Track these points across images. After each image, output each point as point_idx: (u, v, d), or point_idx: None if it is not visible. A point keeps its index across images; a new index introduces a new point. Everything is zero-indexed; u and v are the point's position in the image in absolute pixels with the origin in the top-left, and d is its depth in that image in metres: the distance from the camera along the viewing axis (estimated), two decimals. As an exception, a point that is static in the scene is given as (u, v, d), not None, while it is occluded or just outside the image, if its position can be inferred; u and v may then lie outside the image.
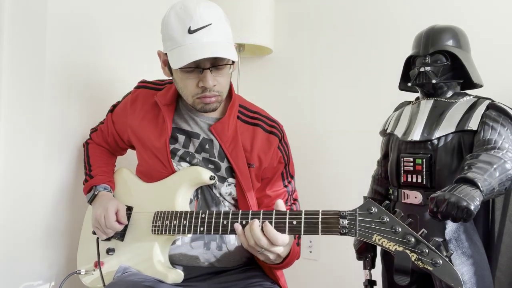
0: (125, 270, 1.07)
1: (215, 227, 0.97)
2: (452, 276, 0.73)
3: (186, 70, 1.02)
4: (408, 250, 0.75)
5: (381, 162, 1.40)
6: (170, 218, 1.05)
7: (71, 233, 1.40)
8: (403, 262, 0.74)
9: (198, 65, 1.00)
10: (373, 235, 0.79)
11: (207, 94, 1.05)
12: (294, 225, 0.87)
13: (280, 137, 1.18)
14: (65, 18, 1.36)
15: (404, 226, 0.77)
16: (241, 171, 1.11)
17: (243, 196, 1.12)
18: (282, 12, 2.14)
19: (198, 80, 1.03)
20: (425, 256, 0.75)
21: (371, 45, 1.91)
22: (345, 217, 0.82)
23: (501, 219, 1.21)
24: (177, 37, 1.00)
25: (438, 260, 0.74)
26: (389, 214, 0.79)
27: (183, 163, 1.14)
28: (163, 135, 1.14)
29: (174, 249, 1.11)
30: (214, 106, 1.09)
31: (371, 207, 0.81)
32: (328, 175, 1.97)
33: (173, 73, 1.10)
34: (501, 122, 1.13)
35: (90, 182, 1.23)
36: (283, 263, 1.01)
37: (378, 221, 0.79)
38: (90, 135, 1.37)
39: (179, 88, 1.10)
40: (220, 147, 1.13)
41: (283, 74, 2.15)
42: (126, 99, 1.27)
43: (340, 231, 0.82)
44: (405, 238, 0.76)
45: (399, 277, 0.75)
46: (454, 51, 1.22)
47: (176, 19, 1.00)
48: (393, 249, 0.77)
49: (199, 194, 1.14)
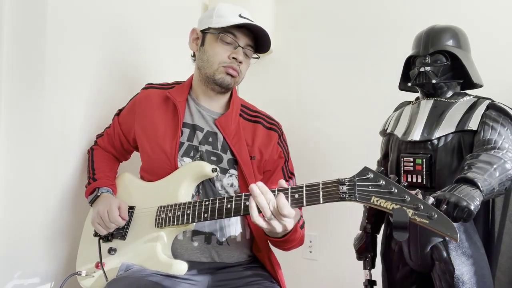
0: (128, 267, 1.08)
1: (219, 211, 0.99)
2: (448, 226, 0.76)
3: (225, 40, 1.16)
4: (405, 207, 0.79)
5: (381, 162, 1.40)
6: (173, 210, 1.08)
7: (72, 234, 1.40)
8: (400, 218, 0.78)
9: (236, 40, 1.16)
10: (371, 197, 0.83)
11: (233, 65, 1.17)
12: (296, 198, 0.90)
13: (279, 134, 1.25)
14: (66, 18, 1.36)
15: (399, 187, 0.81)
16: (244, 162, 1.16)
17: (246, 186, 1.14)
18: (282, 12, 2.15)
19: (231, 52, 1.17)
20: (421, 211, 0.78)
21: (371, 45, 1.91)
22: (344, 184, 0.86)
23: (501, 219, 1.21)
24: (228, 16, 1.16)
25: (433, 213, 0.77)
26: (385, 177, 0.83)
27: (186, 158, 1.17)
28: (174, 130, 1.18)
29: (175, 243, 1.13)
30: (230, 81, 1.19)
31: (367, 172, 0.85)
32: (328, 175, 1.96)
33: (204, 44, 1.19)
34: (501, 122, 1.14)
35: (93, 184, 1.25)
36: (286, 238, 1.02)
37: (375, 184, 0.83)
38: (96, 141, 1.40)
39: (206, 56, 1.18)
40: (224, 140, 1.18)
41: (283, 74, 2.16)
42: (133, 100, 1.31)
43: (340, 196, 0.85)
44: (401, 196, 0.80)
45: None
46: (454, 51, 1.22)
47: (226, 6, 1.18)
48: (391, 208, 0.80)
49: (201, 189, 1.16)
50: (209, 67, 1.18)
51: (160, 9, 1.79)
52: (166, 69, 1.77)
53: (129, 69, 1.64)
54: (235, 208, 0.97)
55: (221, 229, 1.15)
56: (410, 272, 1.28)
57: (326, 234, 1.96)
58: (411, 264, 1.25)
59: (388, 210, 0.81)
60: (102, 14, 1.49)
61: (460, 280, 1.12)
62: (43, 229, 1.33)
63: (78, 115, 1.42)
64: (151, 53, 1.73)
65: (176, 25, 1.83)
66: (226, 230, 1.15)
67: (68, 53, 1.37)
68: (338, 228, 1.91)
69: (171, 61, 1.77)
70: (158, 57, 1.76)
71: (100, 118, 1.47)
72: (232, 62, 1.17)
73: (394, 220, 0.78)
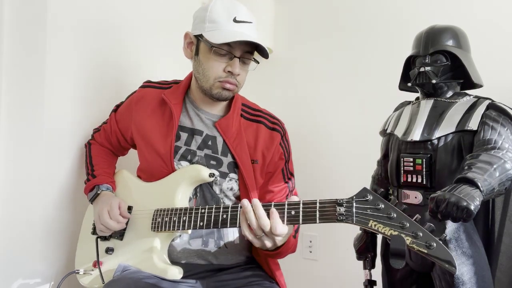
0: (125, 268, 1.08)
1: (214, 221, 0.98)
2: (446, 257, 0.75)
3: (219, 52, 1.08)
4: (403, 234, 0.77)
5: (381, 162, 1.40)
6: (170, 215, 1.07)
7: (71, 233, 1.40)
8: (398, 245, 0.76)
9: (231, 51, 1.08)
10: (369, 221, 0.81)
11: (229, 79, 1.11)
12: (292, 215, 0.88)
13: (282, 133, 1.21)
14: (66, 18, 1.36)
15: (399, 212, 0.79)
16: (245, 166, 1.13)
17: (246, 191, 1.13)
18: (282, 12, 2.15)
19: (226, 65, 1.10)
20: (420, 239, 0.76)
21: (371, 45, 1.91)
22: (342, 205, 0.84)
23: (501, 219, 1.21)
24: (221, 21, 1.07)
25: (432, 243, 0.75)
26: (384, 201, 0.81)
27: (183, 161, 1.16)
28: (169, 133, 1.16)
29: (173, 246, 1.12)
30: (228, 94, 1.13)
31: (366, 194, 0.83)
32: (328, 175, 1.98)
33: (199, 54, 1.13)
34: (501, 122, 1.13)
35: (93, 181, 1.24)
36: (277, 251, 1.01)
37: (374, 207, 0.81)
38: (93, 135, 1.38)
39: (201, 69, 1.12)
40: (224, 143, 1.15)
41: (283, 74, 2.15)
42: (131, 98, 1.29)
43: (337, 218, 0.84)
44: (400, 223, 0.78)
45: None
46: (454, 51, 1.22)
47: (222, 7, 1.09)
48: (389, 234, 0.78)
49: (198, 192, 1.15)
50: (205, 81, 1.12)
51: (160, 6, 1.79)
52: (164, 67, 1.76)
53: (127, 67, 1.63)
54: (231, 219, 0.95)
55: (219, 231, 1.14)
56: (410, 272, 1.28)
57: (326, 234, 1.96)
58: (411, 264, 1.25)
59: (386, 236, 0.79)
60: (100, 12, 1.49)
61: (460, 280, 1.11)
62: (41, 227, 1.33)
63: (77, 114, 1.42)
64: (149, 51, 1.72)
65: (175, 22, 1.82)
66: (224, 233, 1.15)
67: (66, 51, 1.37)
68: (338, 228, 1.90)
69: (170, 60, 1.76)
70: (156, 55, 1.75)
71: (100, 116, 1.46)
72: (228, 76, 1.10)
73: (392, 247, 0.76)
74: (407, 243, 0.76)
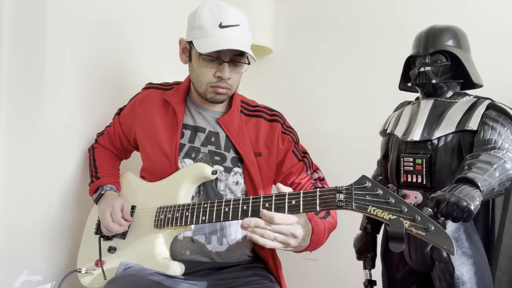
0: (126, 266, 1.09)
1: (216, 215, 0.99)
2: (444, 238, 0.75)
3: (208, 58, 1.11)
4: (402, 218, 0.78)
5: (381, 162, 1.40)
6: (172, 211, 1.08)
7: (73, 232, 1.41)
8: (397, 229, 0.77)
9: (219, 56, 1.10)
10: (368, 206, 0.82)
11: (221, 84, 1.13)
12: (293, 204, 0.89)
13: (282, 122, 1.24)
14: (66, 18, 1.36)
15: (397, 197, 0.80)
16: (249, 159, 1.16)
17: (252, 183, 1.16)
18: (282, 12, 2.15)
19: (216, 70, 1.12)
20: (418, 222, 0.77)
21: (371, 45, 1.91)
22: (342, 192, 0.85)
23: (501, 219, 1.21)
24: (208, 28, 1.09)
25: (430, 225, 0.76)
26: (382, 187, 0.82)
27: (187, 159, 1.17)
28: (173, 131, 1.18)
29: (176, 243, 1.13)
30: (223, 98, 1.17)
31: (365, 181, 0.84)
32: (328, 174, 1.97)
33: (192, 60, 1.17)
34: (501, 122, 1.13)
35: (97, 182, 1.26)
36: (311, 242, 0.99)
37: (372, 193, 0.82)
38: (97, 139, 1.40)
39: (195, 75, 1.16)
40: (227, 138, 1.19)
41: (283, 74, 2.16)
42: (134, 100, 1.31)
43: (337, 205, 0.85)
44: (398, 207, 0.79)
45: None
46: (454, 51, 1.22)
47: (209, 13, 1.10)
48: (387, 218, 0.79)
49: (201, 190, 1.16)
50: (199, 86, 1.16)
51: (161, 7, 1.79)
52: (165, 69, 1.77)
53: (129, 68, 1.64)
54: (233, 211, 0.96)
55: (222, 229, 1.15)
56: (410, 272, 1.28)
57: (326, 234, 1.96)
58: (411, 264, 1.25)
59: (385, 220, 0.80)
60: (100, 12, 1.49)
61: (460, 280, 1.12)
62: (44, 228, 1.33)
63: (77, 114, 1.42)
64: (150, 52, 1.73)
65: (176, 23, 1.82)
66: (227, 230, 1.15)
67: (67, 53, 1.37)
68: (338, 228, 1.90)
69: (171, 60, 1.76)
70: (158, 56, 1.76)
71: (100, 117, 1.47)
72: (219, 81, 1.13)
73: (390, 230, 0.77)
74: (405, 226, 0.77)
